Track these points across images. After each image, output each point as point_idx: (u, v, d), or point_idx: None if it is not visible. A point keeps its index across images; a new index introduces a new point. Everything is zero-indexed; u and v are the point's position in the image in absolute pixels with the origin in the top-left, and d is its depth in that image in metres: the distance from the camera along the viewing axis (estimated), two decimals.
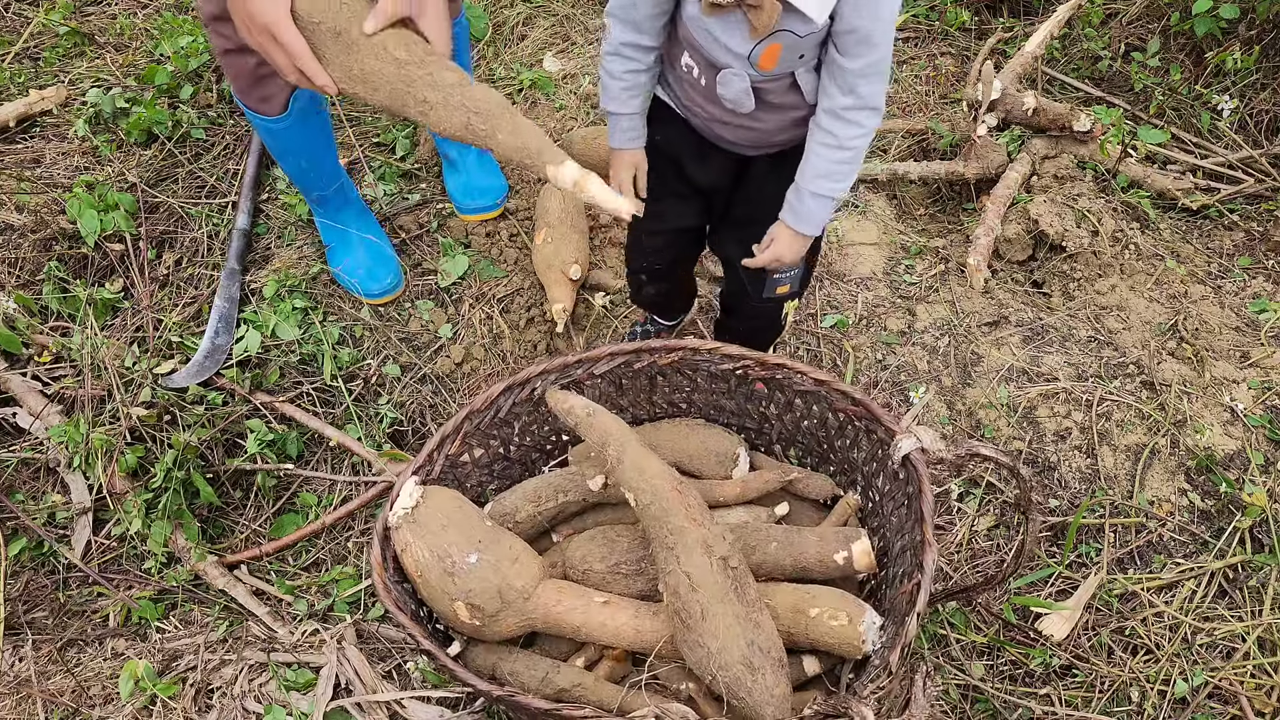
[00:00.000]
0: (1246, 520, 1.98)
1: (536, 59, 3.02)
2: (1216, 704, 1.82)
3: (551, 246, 2.27)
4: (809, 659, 1.63)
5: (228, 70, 1.93)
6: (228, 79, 2.00)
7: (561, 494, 1.81)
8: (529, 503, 1.81)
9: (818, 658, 1.64)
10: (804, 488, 1.84)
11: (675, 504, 1.54)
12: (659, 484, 1.56)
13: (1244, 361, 2.24)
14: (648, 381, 1.89)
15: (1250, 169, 2.73)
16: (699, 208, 1.84)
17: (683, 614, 1.49)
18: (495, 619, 1.58)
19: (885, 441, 1.67)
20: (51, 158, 2.66)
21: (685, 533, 1.52)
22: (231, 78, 1.95)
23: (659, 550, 1.55)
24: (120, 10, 3.18)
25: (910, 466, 1.59)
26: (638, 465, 1.59)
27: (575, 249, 2.28)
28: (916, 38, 3.22)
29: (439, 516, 1.61)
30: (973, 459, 1.54)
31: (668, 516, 1.54)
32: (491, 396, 1.79)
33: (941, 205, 2.77)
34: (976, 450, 1.51)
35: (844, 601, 1.59)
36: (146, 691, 1.71)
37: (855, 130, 1.52)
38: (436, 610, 1.63)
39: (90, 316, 2.25)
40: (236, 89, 1.97)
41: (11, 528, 2.05)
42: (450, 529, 1.60)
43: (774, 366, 1.78)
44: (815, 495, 1.84)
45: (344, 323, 2.29)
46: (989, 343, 2.28)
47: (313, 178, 2.20)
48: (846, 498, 1.81)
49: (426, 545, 1.58)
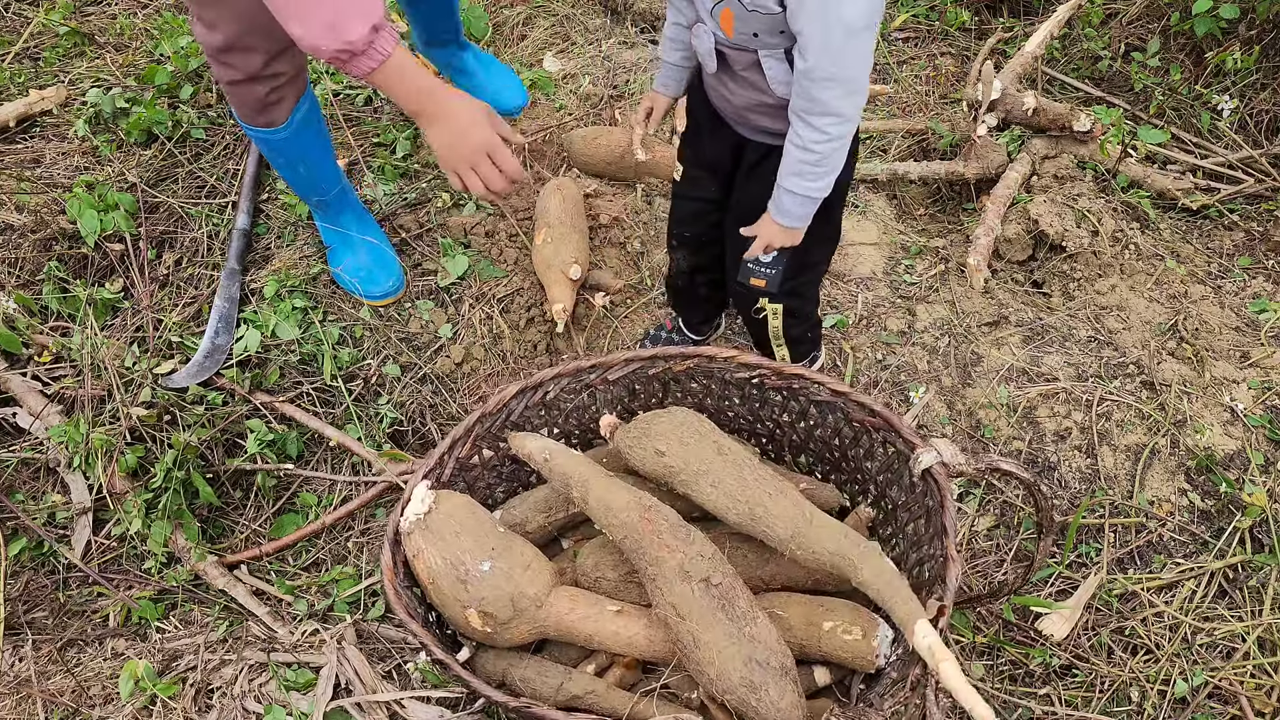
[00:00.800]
0: (1246, 520, 1.98)
1: (536, 59, 3.02)
2: (1216, 704, 1.82)
3: (551, 247, 2.26)
4: (820, 670, 1.62)
5: (235, 99, 1.93)
6: (232, 105, 1.99)
7: (571, 504, 1.80)
8: (539, 513, 1.81)
9: (829, 668, 1.63)
10: (811, 497, 1.83)
11: (646, 535, 1.54)
12: (626, 517, 1.57)
13: (1244, 361, 2.24)
14: (661, 388, 1.89)
15: (1250, 169, 2.73)
16: (716, 182, 1.88)
17: (678, 643, 1.50)
18: (507, 627, 1.58)
19: (902, 453, 1.65)
20: (51, 158, 2.66)
21: (662, 562, 1.52)
22: (238, 105, 1.95)
23: (644, 580, 1.56)
24: (120, 10, 3.18)
25: (931, 480, 1.57)
26: (604, 503, 1.59)
27: (575, 249, 2.27)
28: (916, 38, 3.22)
29: (452, 523, 1.60)
30: (993, 473, 1.53)
31: (642, 549, 1.54)
32: (504, 399, 1.78)
33: (941, 205, 2.77)
34: (997, 465, 1.50)
35: (857, 615, 1.58)
36: (146, 691, 1.71)
37: (817, 135, 1.52)
38: (447, 616, 1.62)
39: (90, 316, 2.25)
40: (242, 114, 1.98)
41: (11, 528, 2.05)
42: (463, 535, 1.59)
43: (791, 376, 1.77)
44: (823, 505, 1.83)
45: (344, 323, 2.29)
46: (989, 343, 2.28)
47: (313, 183, 2.20)
48: (859, 510, 1.80)
49: (439, 552, 1.57)
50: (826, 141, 1.53)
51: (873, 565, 1.46)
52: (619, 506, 1.58)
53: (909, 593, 1.42)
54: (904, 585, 1.43)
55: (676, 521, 1.59)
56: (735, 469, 1.61)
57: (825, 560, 1.50)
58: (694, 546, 1.55)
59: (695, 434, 1.66)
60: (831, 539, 1.51)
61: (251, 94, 1.88)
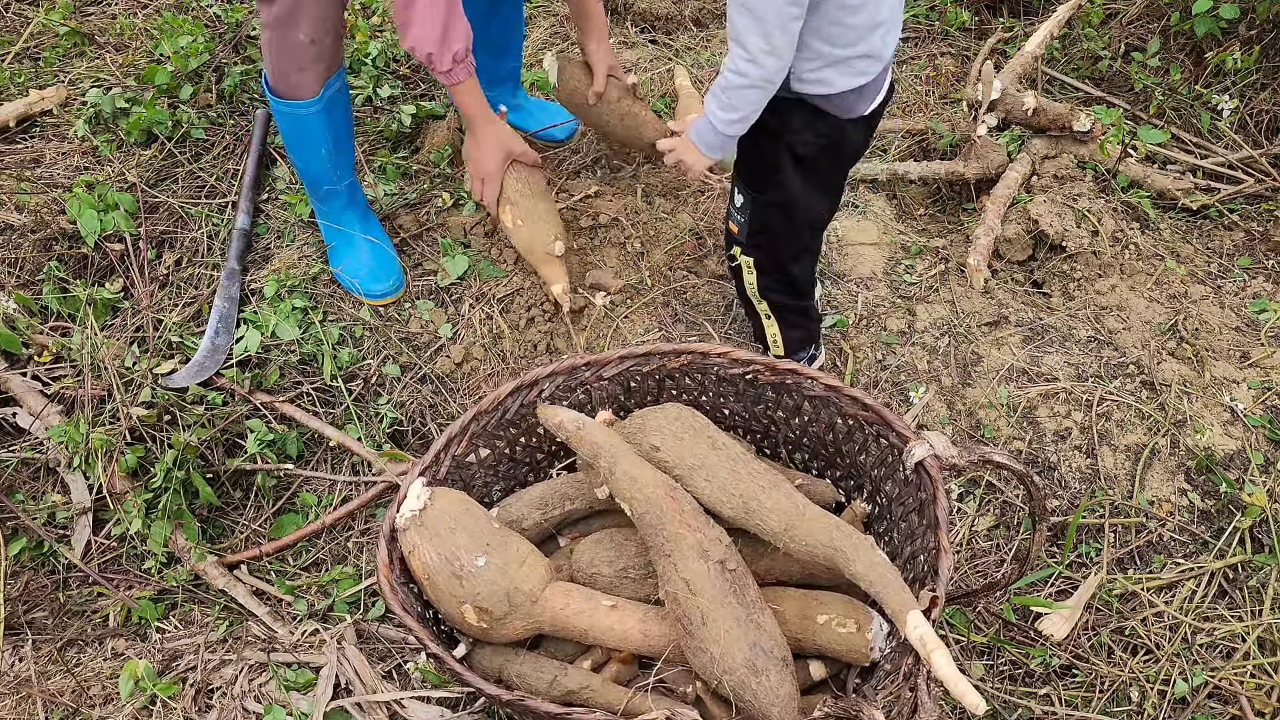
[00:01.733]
0: (1246, 520, 1.98)
1: (536, 59, 3.02)
2: (1216, 704, 1.82)
3: (526, 229, 2.20)
4: (815, 663, 1.63)
5: (275, 49, 2.04)
6: (269, 63, 2.08)
7: (568, 501, 1.81)
8: (536, 510, 1.81)
9: (824, 662, 1.64)
10: (807, 493, 1.83)
11: (669, 511, 1.55)
12: (652, 492, 1.58)
13: (1244, 361, 2.24)
14: (655, 385, 1.89)
15: (1250, 169, 2.73)
16: None
17: (684, 620, 1.49)
18: (503, 622, 1.59)
19: (895, 447, 1.66)
20: (51, 158, 2.66)
21: (681, 539, 1.53)
22: (274, 58, 2.05)
23: (657, 558, 1.56)
24: (120, 10, 3.18)
25: (923, 473, 1.58)
26: (630, 475, 1.61)
27: (548, 225, 2.20)
28: (916, 38, 3.22)
29: (447, 519, 1.61)
30: (985, 465, 1.54)
31: (663, 524, 1.55)
32: (499, 398, 1.79)
33: (941, 205, 2.77)
34: (989, 457, 1.51)
35: (852, 608, 1.59)
36: (146, 691, 1.71)
37: (729, 63, 1.64)
38: (443, 612, 1.63)
39: (90, 316, 2.25)
40: (276, 71, 2.07)
41: (11, 528, 2.05)
42: (459, 531, 1.60)
43: (784, 372, 1.78)
44: (818, 501, 1.84)
45: (344, 323, 2.29)
46: (989, 343, 2.28)
47: (330, 169, 2.24)
48: (854, 505, 1.81)
49: (434, 548, 1.58)
50: (733, 73, 1.63)
51: (866, 557, 1.47)
52: (645, 481, 1.60)
53: (901, 584, 1.43)
54: (896, 577, 1.44)
55: (698, 508, 1.60)
56: (729, 463, 1.63)
57: (818, 552, 1.51)
58: (713, 531, 1.57)
59: (690, 429, 1.68)
60: (824, 531, 1.51)
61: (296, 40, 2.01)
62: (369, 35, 2.93)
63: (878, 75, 1.73)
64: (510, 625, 1.59)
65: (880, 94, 1.79)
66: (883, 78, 1.76)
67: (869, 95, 1.75)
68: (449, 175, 2.59)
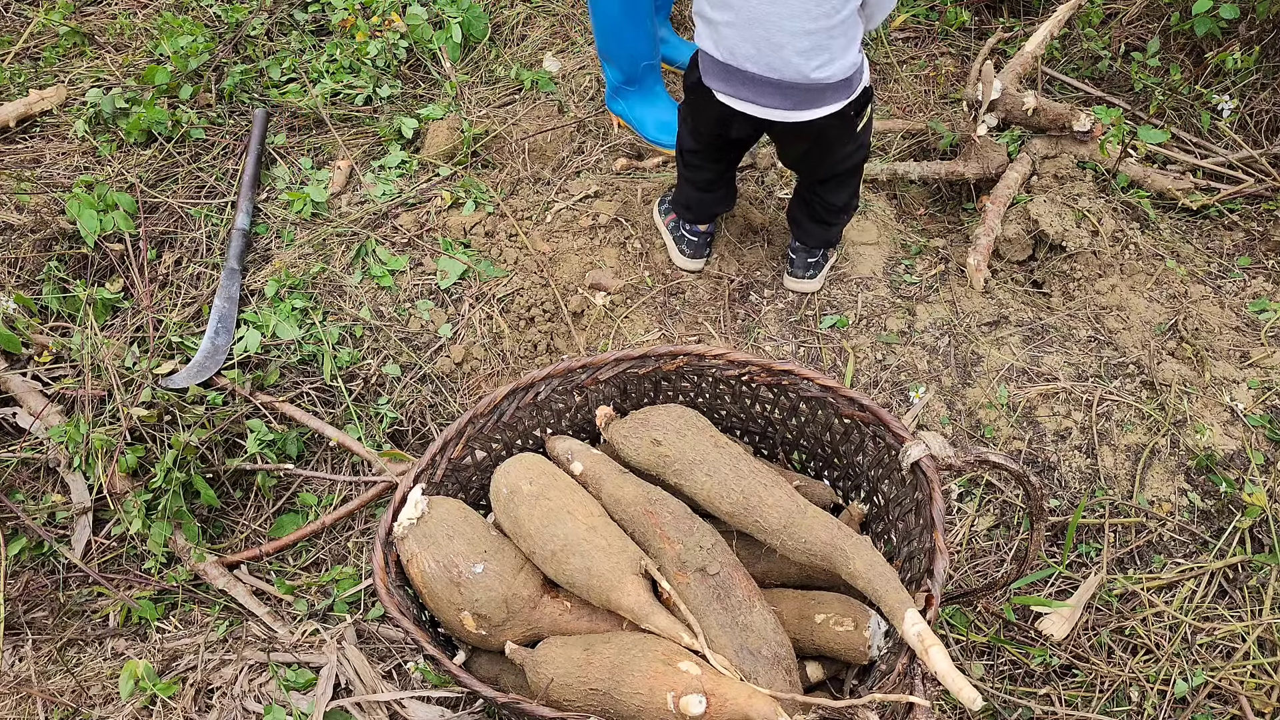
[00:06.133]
0: (1246, 520, 1.98)
1: (536, 59, 3.02)
2: (1216, 704, 1.82)
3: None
4: (812, 665, 1.64)
5: None
6: None
7: None
8: None
9: (821, 664, 1.65)
10: (805, 495, 1.83)
11: (650, 527, 1.62)
12: (633, 511, 1.65)
13: (1244, 361, 2.24)
14: (652, 387, 1.89)
15: (1250, 169, 2.73)
16: None
17: None
18: (501, 628, 1.59)
19: (892, 447, 1.66)
20: (51, 158, 2.66)
21: (663, 554, 1.60)
22: None
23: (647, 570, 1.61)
24: (120, 10, 3.18)
25: (920, 473, 1.58)
26: (614, 497, 1.68)
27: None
28: (916, 38, 3.22)
29: (445, 527, 1.63)
30: (982, 466, 1.54)
31: (646, 540, 1.62)
32: (495, 400, 1.79)
33: (941, 205, 2.77)
34: (986, 457, 1.51)
35: (849, 607, 1.60)
36: (146, 691, 1.71)
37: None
38: (443, 621, 1.63)
39: (90, 316, 2.25)
40: None
41: (11, 528, 2.05)
42: (456, 539, 1.61)
43: (780, 373, 1.78)
44: (816, 503, 1.84)
45: (344, 323, 2.29)
46: (989, 343, 2.28)
47: (649, 41, 2.49)
48: (852, 507, 1.81)
49: (432, 556, 1.59)
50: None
51: (864, 556, 1.48)
52: (627, 500, 1.65)
53: (898, 583, 1.44)
54: (894, 576, 1.45)
55: (681, 513, 1.63)
56: (731, 460, 1.65)
57: (817, 550, 1.52)
58: (693, 537, 1.60)
59: (692, 427, 1.71)
60: (824, 530, 1.52)
61: None
62: (369, 35, 2.93)
63: (753, 73, 1.83)
64: (509, 631, 1.60)
65: (765, 109, 1.89)
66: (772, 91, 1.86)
67: (734, 82, 1.87)
68: (449, 175, 2.59)
